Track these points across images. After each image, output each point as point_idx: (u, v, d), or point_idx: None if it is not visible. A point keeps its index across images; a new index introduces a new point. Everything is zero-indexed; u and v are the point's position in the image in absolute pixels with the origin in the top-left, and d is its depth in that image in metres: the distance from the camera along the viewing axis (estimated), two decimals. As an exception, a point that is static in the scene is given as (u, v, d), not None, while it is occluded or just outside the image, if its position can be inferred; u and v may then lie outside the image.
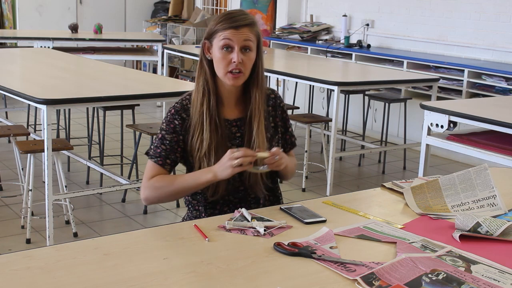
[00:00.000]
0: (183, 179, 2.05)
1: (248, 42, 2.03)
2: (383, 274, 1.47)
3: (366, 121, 5.87)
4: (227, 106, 2.14)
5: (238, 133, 2.13)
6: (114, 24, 9.48)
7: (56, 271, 1.46)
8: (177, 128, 2.10)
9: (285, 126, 2.23)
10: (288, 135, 2.24)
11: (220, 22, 2.04)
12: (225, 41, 2.02)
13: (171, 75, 8.34)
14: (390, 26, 7.04)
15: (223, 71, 2.04)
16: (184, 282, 1.44)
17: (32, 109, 5.88)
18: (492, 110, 3.73)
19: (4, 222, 4.01)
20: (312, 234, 1.73)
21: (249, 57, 2.05)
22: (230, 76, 2.04)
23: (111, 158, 5.23)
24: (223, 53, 2.03)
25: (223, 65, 2.03)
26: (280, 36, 7.76)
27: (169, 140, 2.09)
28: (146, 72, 7.69)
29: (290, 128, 2.25)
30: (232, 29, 2.01)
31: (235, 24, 2.02)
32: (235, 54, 2.02)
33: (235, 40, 2.01)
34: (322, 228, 1.77)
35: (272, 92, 2.22)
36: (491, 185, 2.01)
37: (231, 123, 2.13)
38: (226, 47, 2.02)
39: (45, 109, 3.39)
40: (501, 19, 5.99)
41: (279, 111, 2.21)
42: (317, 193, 4.88)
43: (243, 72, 2.05)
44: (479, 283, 1.45)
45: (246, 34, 2.02)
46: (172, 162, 2.11)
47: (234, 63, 2.02)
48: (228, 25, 2.02)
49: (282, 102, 2.23)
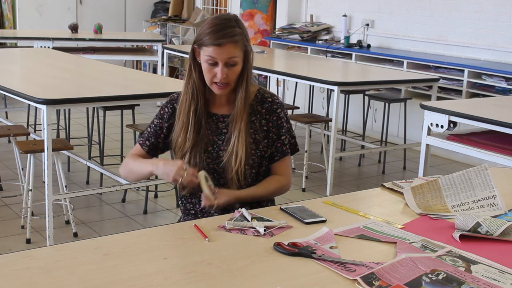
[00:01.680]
0: (137, 162, 2.16)
1: (232, 59, 2.05)
2: (383, 274, 1.47)
3: (366, 121, 5.87)
4: (217, 102, 2.18)
5: (225, 129, 2.15)
6: (114, 24, 9.48)
7: (56, 271, 1.46)
8: (165, 115, 2.21)
9: (278, 133, 2.18)
10: (279, 143, 2.19)
11: (206, 36, 2.04)
12: (208, 57, 2.04)
13: (171, 75, 8.35)
14: (390, 26, 7.04)
15: (209, 82, 2.09)
16: (184, 282, 1.44)
17: (32, 109, 5.88)
18: (492, 110, 3.73)
19: (4, 222, 4.02)
20: (312, 234, 1.73)
21: (234, 71, 2.07)
22: (216, 87, 2.09)
23: (111, 158, 5.23)
24: (208, 67, 2.06)
25: (209, 77, 2.08)
26: (280, 36, 7.76)
27: (155, 124, 2.22)
28: (146, 72, 7.69)
29: (284, 136, 2.19)
30: (215, 46, 2.02)
31: (218, 42, 2.02)
32: (219, 70, 2.04)
33: (218, 58, 2.03)
34: (322, 228, 1.77)
35: (271, 96, 2.19)
36: (491, 185, 2.01)
37: (218, 118, 2.17)
38: (210, 62, 2.05)
39: (45, 109, 3.40)
40: (501, 19, 5.99)
41: (274, 116, 2.17)
42: (317, 193, 4.88)
43: (229, 83, 2.08)
44: (479, 283, 1.45)
45: (229, 51, 2.03)
46: (151, 145, 2.22)
47: (218, 77, 2.05)
48: (212, 42, 2.02)
49: (279, 108, 2.19)
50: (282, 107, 2.22)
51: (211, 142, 2.14)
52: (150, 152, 2.22)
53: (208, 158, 2.13)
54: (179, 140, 2.13)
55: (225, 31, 2.03)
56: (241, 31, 2.07)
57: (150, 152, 2.22)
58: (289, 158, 2.23)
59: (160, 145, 2.22)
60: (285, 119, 2.21)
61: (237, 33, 2.05)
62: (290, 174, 2.24)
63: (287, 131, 2.22)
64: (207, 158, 2.13)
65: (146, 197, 4.34)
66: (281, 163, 2.20)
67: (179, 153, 2.14)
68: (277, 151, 2.19)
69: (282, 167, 2.21)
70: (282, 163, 2.20)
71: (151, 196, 4.56)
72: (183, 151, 2.13)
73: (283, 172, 2.20)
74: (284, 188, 2.21)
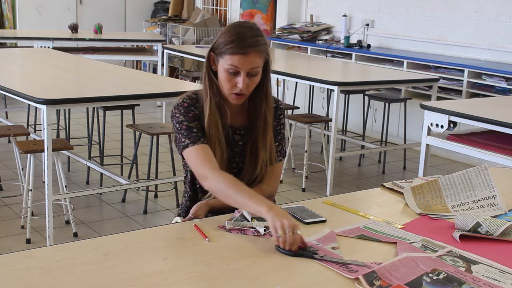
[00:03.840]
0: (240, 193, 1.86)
1: (255, 69, 1.99)
2: (384, 273, 1.47)
3: (366, 121, 5.87)
4: (231, 113, 2.10)
5: (241, 142, 2.12)
6: (114, 24, 9.48)
7: (56, 271, 1.46)
8: (196, 116, 2.05)
9: (275, 138, 2.17)
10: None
11: (229, 44, 1.96)
12: (231, 66, 1.97)
13: (171, 75, 8.34)
14: (390, 26, 7.04)
15: (227, 92, 2.02)
16: (184, 282, 1.44)
17: (32, 109, 5.88)
18: (492, 110, 3.73)
19: (4, 222, 4.01)
20: (313, 234, 1.73)
21: (254, 81, 2.01)
22: (233, 96, 2.02)
23: (111, 158, 5.23)
24: (228, 76, 1.99)
25: (228, 86, 2.00)
26: (280, 36, 7.76)
27: (195, 126, 2.03)
28: (146, 72, 7.69)
29: (277, 143, 2.17)
30: (241, 55, 1.95)
31: (244, 50, 1.94)
32: (241, 80, 1.98)
33: (242, 67, 1.97)
34: (324, 229, 1.77)
35: (275, 101, 2.17)
36: (491, 185, 2.01)
37: (234, 131, 2.11)
38: (231, 71, 1.98)
39: (45, 109, 3.39)
40: (501, 19, 5.99)
41: (275, 122, 2.16)
42: (317, 193, 4.88)
43: (246, 94, 2.03)
44: (479, 283, 1.45)
45: (254, 61, 1.97)
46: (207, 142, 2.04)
47: (238, 87, 1.99)
48: (237, 50, 1.94)
49: (282, 114, 2.18)
50: (284, 113, 2.21)
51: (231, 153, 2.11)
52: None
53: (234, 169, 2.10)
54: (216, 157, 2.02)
55: (250, 40, 1.96)
56: (264, 40, 2.02)
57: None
58: (280, 165, 2.19)
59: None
60: (284, 126, 2.20)
61: (261, 43, 1.99)
62: (277, 181, 2.18)
63: (283, 137, 2.20)
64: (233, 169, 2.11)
65: (146, 197, 4.34)
66: (270, 169, 2.14)
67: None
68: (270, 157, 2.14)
69: (270, 174, 2.14)
70: (270, 170, 2.14)
71: (151, 196, 4.56)
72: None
73: (270, 179, 2.14)
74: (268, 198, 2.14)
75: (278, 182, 2.19)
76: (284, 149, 2.22)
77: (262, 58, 2.00)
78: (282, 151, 2.20)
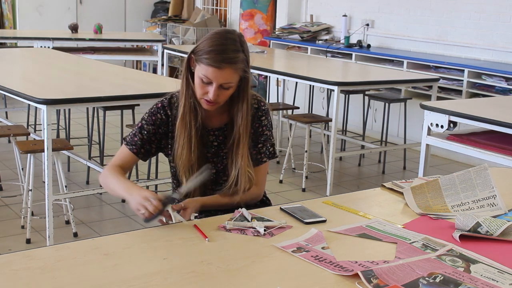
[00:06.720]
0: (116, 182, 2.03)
1: (228, 84, 2.00)
2: (381, 274, 1.47)
3: (366, 121, 5.87)
4: (206, 114, 2.12)
5: (215, 142, 2.15)
6: (114, 24, 9.48)
7: (56, 271, 1.46)
8: (157, 121, 2.13)
9: (256, 141, 2.15)
10: (255, 151, 2.15)
11: (207, 54, 1.96)
12: (205, 77, 1.98)
13: (171, 75, 8.34)
14: (390, 26, 7.04)
15: (199, 96, 2.04)
16: (184, 282, 1.44)
17: (32, 109, 5.88)
18: (492, 110, 3.73)
19: (4, 222, 4.01)
20: (301, 235, 1.72)
21: (225, 94, 2.03)
22: (204, 102, 2.04)
23: (111, 158, 5.22)
24: (201, 83, 2.00)
25: (200, 92, 2.03)
26: (280, 36, 7.76)
27: (147, 131, 2.13)
28: (146, 72, 7.68)
29: (261, 144, 2.16)
30: (215, 68, 1.96)
31: (219, 65, 1.95)
32: (212, 90, 1.99)
33: (214, 80, 1.97)
34: (311, 229, 1.76)
35: (257, 102, 2.15)
36: (491, 185, 2.01)
37: (209, 132, 2.14)
38: (204, 80, 1.99)
39: (45, 109, 3.39)
40: (501, 19, 5.99)
41: (256, 123, 2.14)
42: (317, 193, 4.88)
43: (218, 102, 2.04)
44: (477, 283, 1.45)
45: (228, 76, 1.97)
46: (146, 152, 2.16)
47: (209, 96, 2.00)
48: (212, 63, 1.95)
49: (263, 116, 2.15)
50: (267, 114, 2.17)
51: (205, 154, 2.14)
52: (144, 158, 2.17)
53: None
54: (182, 151, 2.07)
55: (227, 54, 1.96)
56: (244, 57, 2.01)
57: (144, 158, 2.17)
58: (264, 166, 2.19)
59: (153, 151, 2.17)
60: (267, 127, 2.17)
61: (239, 60, 1.98)
62: (263, 183, 2.19)
63: (267, 138, 2.18)
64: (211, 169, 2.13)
65: (146, 197, 4.33)
66: (255, 171, 2.14)
67: (183, 169, 2.09)
68: (251, 158, 2.14)
69: (255, 175, 2.14)
70: (255, 171, 2.14)
71: (151, 196, 4.55)
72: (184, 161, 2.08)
73: (256, 181, 2.15)
74: (254, 198, 2.18)
75: (264, 183, 2.21)
76: (270, 150, 2.20)
77: (237, 74, 2.00)
78: (266, 152, 2.18)
